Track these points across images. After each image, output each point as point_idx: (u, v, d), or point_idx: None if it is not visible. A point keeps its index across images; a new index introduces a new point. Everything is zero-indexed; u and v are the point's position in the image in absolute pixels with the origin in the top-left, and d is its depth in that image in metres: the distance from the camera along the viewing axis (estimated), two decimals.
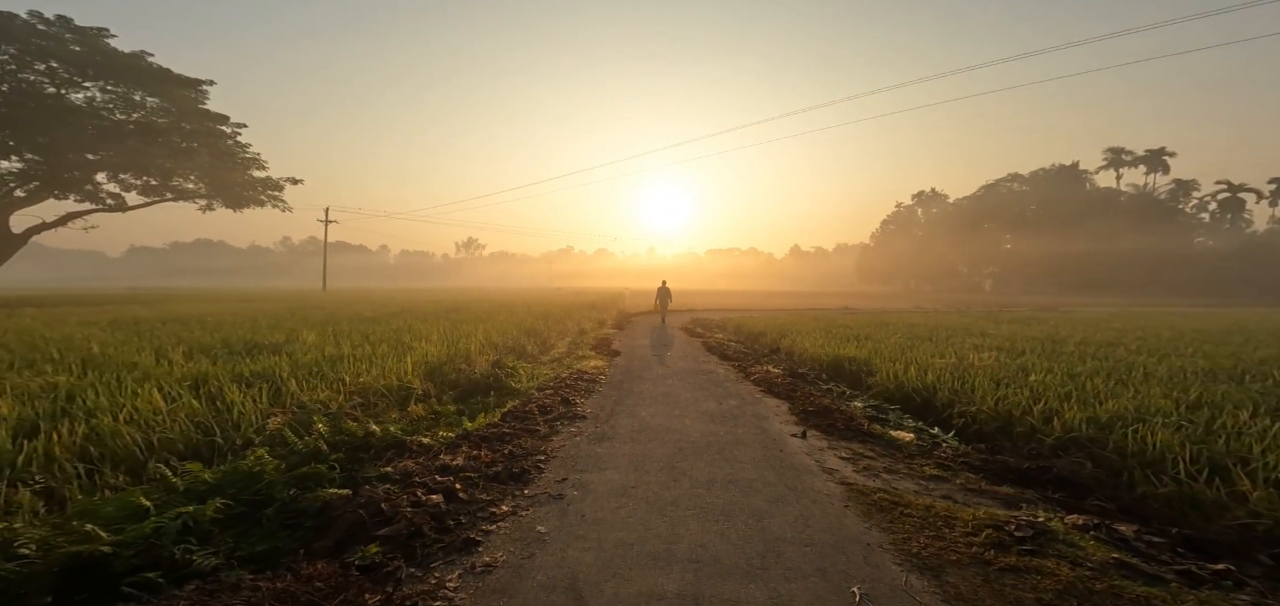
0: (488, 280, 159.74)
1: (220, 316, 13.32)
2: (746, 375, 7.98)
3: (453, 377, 6.27)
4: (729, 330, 16.07)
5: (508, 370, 7.15)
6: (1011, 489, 3.64)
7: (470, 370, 6.62)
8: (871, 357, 8.62)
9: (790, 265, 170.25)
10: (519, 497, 3.33)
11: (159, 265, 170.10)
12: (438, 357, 6.71)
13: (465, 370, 6.56)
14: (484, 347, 8.63)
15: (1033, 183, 63.45)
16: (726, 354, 10.12)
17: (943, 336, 12.22)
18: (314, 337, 8.53)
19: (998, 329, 14.77)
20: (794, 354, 10.72)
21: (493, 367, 6.93)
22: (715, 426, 5.09)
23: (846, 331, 13.16)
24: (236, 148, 25.68)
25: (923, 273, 74.86)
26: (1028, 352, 9.19)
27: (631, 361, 9.22)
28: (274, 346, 7.38)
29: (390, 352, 7.16)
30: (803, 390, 6.88)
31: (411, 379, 5.56)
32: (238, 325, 10.70)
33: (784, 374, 8.18)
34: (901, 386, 6.90)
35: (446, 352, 7.05)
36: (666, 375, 7.92)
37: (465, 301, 23.99)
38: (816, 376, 8.29)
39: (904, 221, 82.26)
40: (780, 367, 8.82)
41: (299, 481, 3.02)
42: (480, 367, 6.98)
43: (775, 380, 7.47)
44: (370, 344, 8.04)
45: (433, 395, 5.61)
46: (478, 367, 6.84)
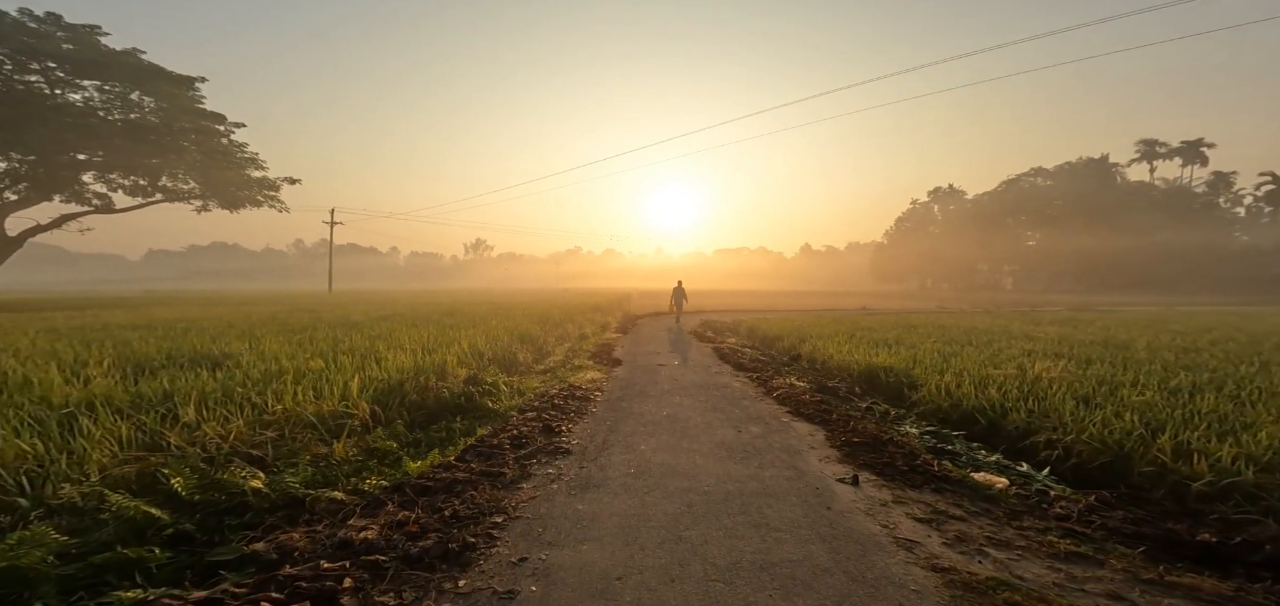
0: (495, 281, 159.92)
1: (199, 321, 12.48)
2: (767, 390, 6.80)
3: (416, 398, 5.19)
4: (742, 334, 14.87)
5: (486, 387, 6.06)
6: (1207, 578, 2.41)
7: (440, 387, 5.54)
8: (911, 367, 7.41)
9: (801, 264, 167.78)
10: (446, 598, 2.22)
11: (176, 267, 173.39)
12: (399, 374, 5.64)
13: (434, 387, 5.49)
14: (467, 357, 7.57)
15: (1058, 177, 60.79)
16: (741, 362, 8.93)
17: (982, 340, 10.91)
18: (276, 347, 7.54)
19: (1041, 331, 13.36)
20: (817, 361, 9.50)
21: (466, 385, 5.85)
22: (735, 466, 3.93)
23: (872, 334, 11.89)
24: (230, 146, 25.10)
25: (940, 271, 72.50)
26: (1096, 360, 7.88)
27: (634, 373, 8.09)
28: (217, 359, 6.38)
29: (354, 365, 6.13)
30: (837, 409, 5.69)
31: (357, 402, 4.48)
32: (205, 332, 9.79)
33: (810, 388, 6.98)
34: (957, 404, 5.68)
35: (413, 366, 5.97)
36: (673, 390, 6.78)
37: (465, 303, 23.08)
38: (849, 391, 7.07)
39: (920, 219, 79.82)
40: (805, 380, 7.62)
41: (90, 577, 1.95)
42: (453, 384, 5.90)
43: (802, 396, 6.28)
44: (339, 354, 7.03)
45: (382, 422, 4.53)
46: (449, 384, 5.76)
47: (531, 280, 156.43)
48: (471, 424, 5.06)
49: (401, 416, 4.82)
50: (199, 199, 26.34)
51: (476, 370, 7.26)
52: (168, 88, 22.52)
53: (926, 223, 78.14)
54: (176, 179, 24.60)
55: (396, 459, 3.79)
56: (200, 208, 26.78)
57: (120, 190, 23.75)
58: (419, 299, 28.96)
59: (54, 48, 19.97)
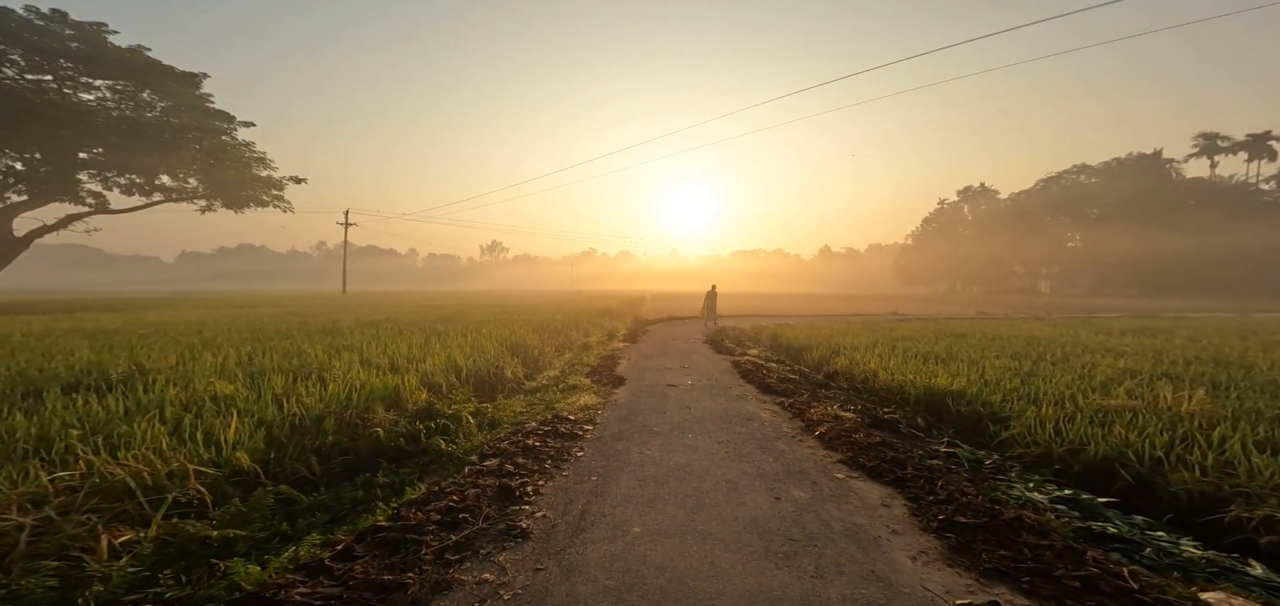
0: (509, 283, 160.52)
1: (174, 326, 11.61)
2: (805, 422, 5.31)
3: (339, 440, 3.90)
4: (763, 343, 13.32)
5: (442, 421, 4.75)
6: None
7: (376, 424, 4.24)
8: (986, 392, 5.86)
9: (820, 266, 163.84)
10: None
11: (207, 269, 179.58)
12: (325, 404, 4.36)
13: (367, 424, 4.19)
14: (437, 375, 6.31)
15: (1105, 175, 56.62)
16: (767, 382, 7.44)
17: (1054, 354, 9.20)
18: (211, 361, 6.40)
19: (1118, 341, 11.48)
20: (857, 378, 7.96)
21: (413, 422, 4.54)
22: (778, 575, 2.51)
23: (916, 345, 10.25)
24: (234, 145, 24.65)
25: (970, 274, 68.84)
26: (1223, 383, 6.21)
27: (638, 396, 6.68)
28: (117, 380, 5.23)
29: (286, 386, 4.90)
30: (907, 456, 4.18)
31: (234, 455, 3.20)
32: (162, 341, 8.80)
33: (860, 419, 5.46)
34: (1076, 449, 4.17)
35: (345, 395, 4.69)
36: (685, 423, 5.35)
37: (468, 306, 22.05)
38: (910, 424, 5.52)
39: (948, 220, 76.09)
40: (850, 407, 6.09)
41: None
42: (395, 417, 4.60)
43: (853, 433, 4.78)
44: (277, 373, 5.84)
45: (279, 477, 3.25)
46: (397, 416, 4.47)
47: (546, 282, 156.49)
48: (410, 476, 3.75)
49: (309, 467, 3.52)
50: (202, 199, 26.07)
51: (445, 388, 5.99)
52: (172, 85, 22.18)
53: (955, 223, 74.39)
54: (176, 178, 24.30)
55: (246, 550, 2.46)
56: (204, 208, 26.52)
57: (116, 188, 23.55)
58: (424, 302, 28.15)
59: (60, 45, 19.76)
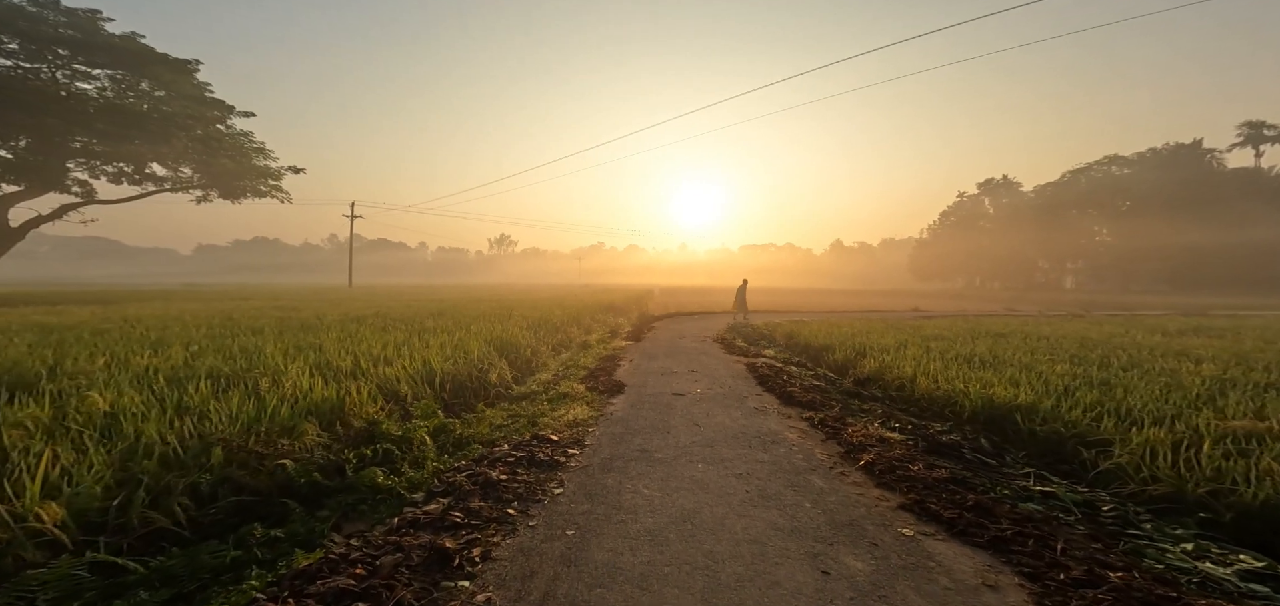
0: (518, 277, 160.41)
1: (144, 320, 10.88)
2: (844, 448, 4.26)
3: (228, 474, 2.95)
4: (779, 342, 12.24)
5: (389, 444, 3.79)
6: None
7: (280, 455, 3.28)
8: (1064, 407, 4.80)
9: (831, 261, 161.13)
10: None
11: (223, 261, 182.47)
12: (230, 426, 3.42)
13: (275, 449, 3.24)
14: (403, 383, 5.38)
15: (1140, 166, 53.61)
16: (788, 390, 6.39)
17: (1121, 357, 8.01)
18: (143, 362, 5.53)
19: (1190, 343, 10.19)
20: (890, 384, 6.89)
21: (347, 447, 3.59)
22: None
23: (952, 346, 9.13)
24: (227, 134, 23.99)
25: (990, 269, 66.37)
26: None
27: (638, 407, 5.68)
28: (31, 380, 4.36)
29: (202, 397, 3.99)
30: (995, 500, 3.12)
31: (37, 508, 2.26)
32: (114, 336, 8.03)
33: (911, 440, 4.39)
34: (1225, 492, 3.11)
35: (251, 414, 3.73)
36: (694, 446, 4.33)
37: (467, 300, 21.23)
38: (974, 448, 4.43)
39: (968, 213, 73.44)
40: (893, 422, 5.01)
41: None
42: (315, 443, 3.65)
43: (911, 464, 3.72)
44: (208, 377, 4.95)
45: (119, 528, 2.31)
46: (291, 450, 3.51)
47: (554, 276, 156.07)
48: (322, 525, 2.80)
49: (173, 514, 2.58)
50: (198, 190, 25.53)
51: (411, 397, 5.05)
52: (165, 73, 21.57)
53: (975, 217, 71.74)
54: (168, 167, 23.76)
55: None
56: (200, 198, 26.01)
57: (103, 177, 23.06)
58: (424, 295, 27.43)
59: (51, 32, 19.23)
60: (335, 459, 3.32)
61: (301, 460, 3.12)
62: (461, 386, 6.38)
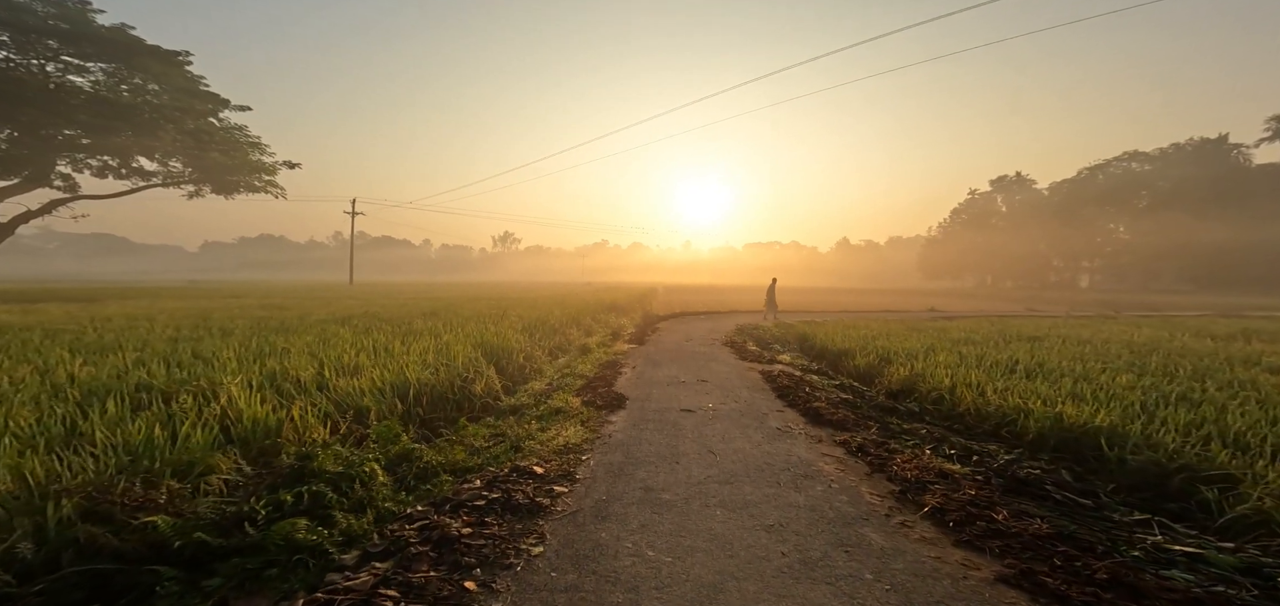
0: (521, 274, 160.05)
1: (116, 320, 10.23)
2: (897, 485, 3.44)
3: (82, 531, 2.18)
4: (792, 345, 11.40)
5: (324, 484, 3.01)
6: None
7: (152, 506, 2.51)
8: (1156, 431, 3.97)
9: (837, 259, 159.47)
10: None
11: (229, 258, 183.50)
12: (105, 465, 2.64)
13: (168, 497, 2.47)
14: (382, 389, 4.63)
15: (1161, 162, 51.93)
16: (813, 405, 5.57)
17: (1184, 366, 7.14)
18: (76, 372, 4.80)
19: (1248, 349, 9.24)
20: (924, 396, 6.05)
21: (263, 491, 2.81)
22: None
23: (985, 351, 8.27)
24: (219, 127, 23.31)
25: (1002, 267, 64.87)
26: None
27: (640, 427, 4.88)
28: None
29: (113, 419, 3.25)
30: (1119, 562, 2.30)
31: None
32: (64, 339, 7.34)
33: (975, 474, 3.57)
34: None
35: (144, 451, 2.96)
36: (708, 486, 3.52)
37: (465, 298, 20.52)
38: (1056, 482, 3.59)
39: (980, 211, 71.90)
40: (948, 449, 4.18)
41: None
42: (218, 483, 2.88)
43: (991, 511, 2.90)
44: (110, 396, 4.21)
45: None
46: (214, 484, 2.74)
47: (557, 274, 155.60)
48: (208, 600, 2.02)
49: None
50: (190, 185, 24.94)
51: (375, 415, 4.29)
52: (155, 65, 20.93)
53: (988, 215, 70.22)
54: (155, 160, 23.15)
55: None
56: (192, 193, 25.42)
57: (87, 170, 22.49)
58: (423, 293, 26.77)
59: (37, 22, 18.65)
60: (242, 509, 2.54)
61: (179, 521, 2.33)
62: (441, 399, 5.61)
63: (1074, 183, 58.71)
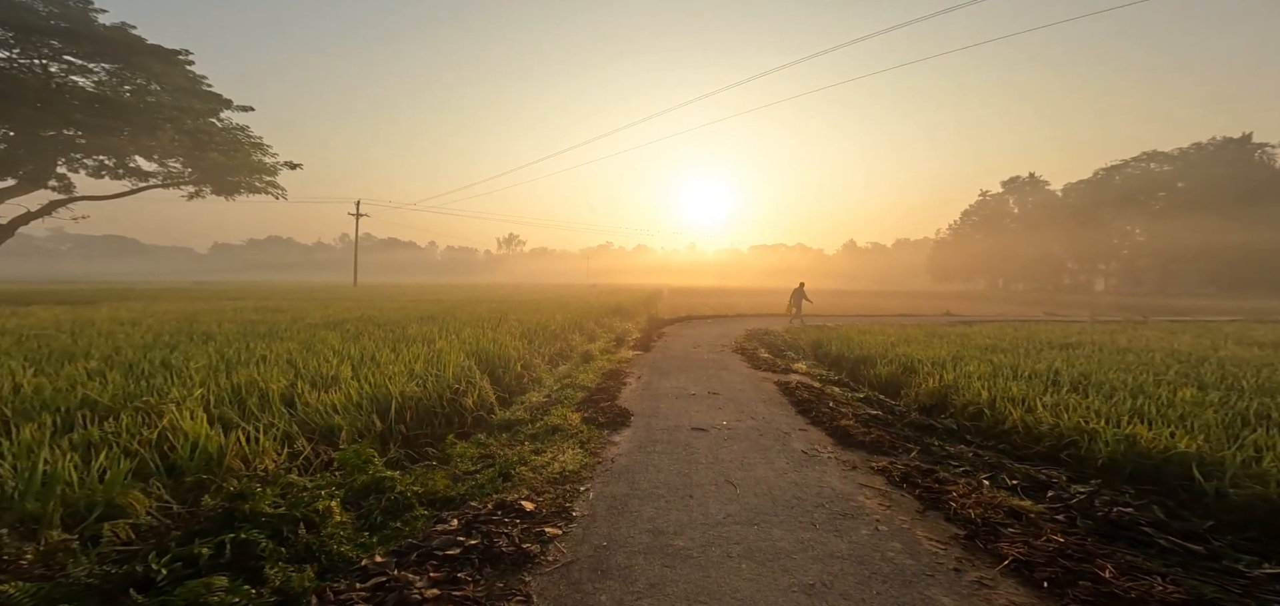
0: (525, 276, 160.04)
1: (100, 324, 9.85)
2: (961, 527, 2.86)
3: None
4: (806, 351, 10.80)
5: (260, 529, 2.47)
6: None
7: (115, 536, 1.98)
8: (1260, 461, 3.36)
9: (844, 262, 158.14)
10: None
11: (237, 260, 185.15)
12: None
13: (45, 550, 1.94)
14: (358, 404, 4.12)
15: (1182, 162, 50.43)
16: (840, 423, 4.99)
17: (1250, 380, 6.46)
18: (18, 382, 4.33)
19: None
20: (959, 411, 5.45)
21: (187, 543, 2.28)
22: None
23: (1017, 360, 7.63)
24: (218, 127, 23.04)
25: (1015, 270, 63.52)
26: None
27: (647, 450, 4.33)
28: None
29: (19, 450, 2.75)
30: None
31: None
32: (25, 345, 6.91)
33: (1054, 512, 2.98)
34: None
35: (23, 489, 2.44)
36: (729, 528, 2.95)
37: (466, 300, 20.07)
38: (1152, 521, 2.99)
39: (991, 213, 70.55)
40: (1008, 478, 3.59)
41: None
42: (129, 530, 2.35)
43: (1087, 564, 2.32)
44: (83, 407, 3.72)
45: None
46: (121, 531, 2.21)
47: (562, 276, 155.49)
48: None
49: None
50: (190, 185, 24.72)
51: (346, 434, 3.79)
52: (155, 65, 20.71)
53: (999, 217, 68.89)
54: (153, 160, 22.93)
55: None
56: (192, 194, 25.19)
57: (82, 170, 22.26)
58: (425, 295, 26.39)
59: (39, 22, 18.49)
60: (134, 569, 2.00)
61: (57, 574, 1.80)
62: (429, 414, 5.09)
63: (1090, 184, 57.30)
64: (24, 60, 19.87)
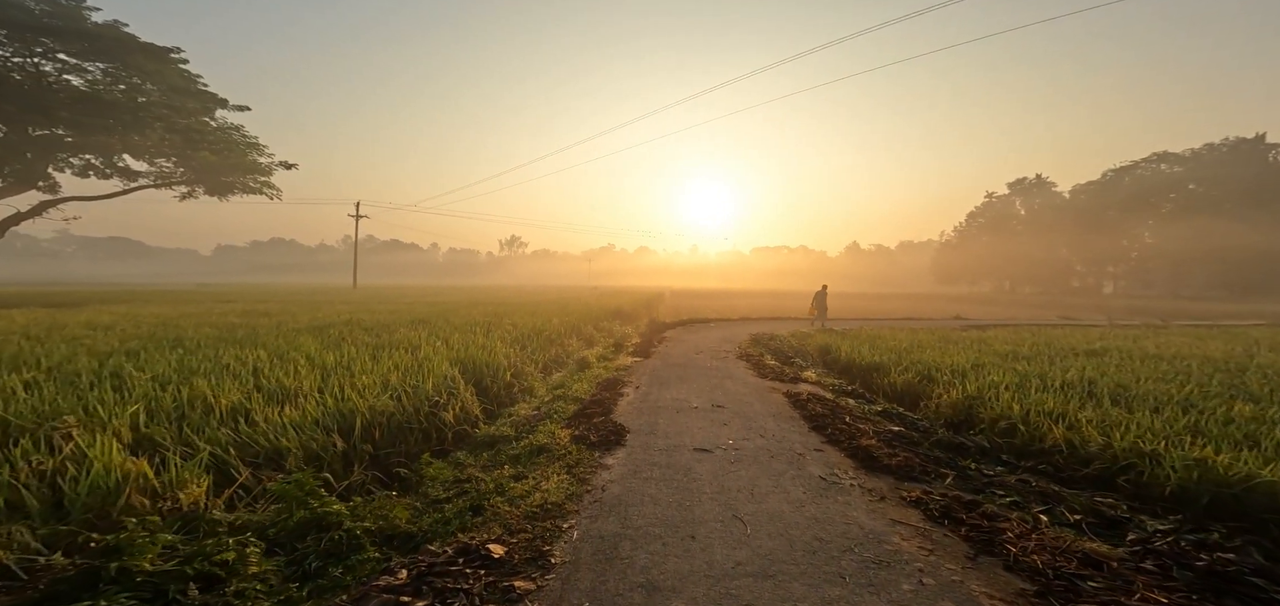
0: (527, 278, 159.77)
1: (69, 328, 9.40)
2: (1037, 589, 2.32)
3: None
4: (813, 358, 10.25)
5: (132, 590, 1.95)
6: None
7: None
8: None
9: (847, 264, 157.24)
10: None
11: (241, 261, 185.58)
12: None
13: None
14: (322, 423, 3.63)
15: (1193, 163, 49.53)
16: (860, 442, 4.46)
17: None
18: None
19: None
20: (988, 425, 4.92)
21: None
22: None
23: (1047, 370, 7.09)
24: (210, 127, 22.63)
25: (1022, 272, 62.65)
26: None
27: (643, 476, 3.81)
28: None
29: None
30: None
31: None
32: None
33: (1138, 558, 2.44)
34: None
35: None
36: (740, 584, 2.42)
37: (463, 303, 19.60)
38: (1253, 566, 2.45)
39: (997, 215, 69.71)
40: (1061, 511, 3.05)
41: None
42: None
43: None
44: None
45: None
46: None
47: (564, 278, 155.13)
48: None
49: None
50: (182, 185, 24.33)
51: (297, 457, 3.29)
52: (147, 62, 20.34)
53: (1005, 219, 68.05)
54: (142, 159, 22.54)
55: None
56: (184, 194, 24.80)
57: (68, 169, 21.88)
58: (422, 297, 25.94)
59: (31, 19, 18.17)
60: None
61: None
62: (403, 430, 4.59)
63: (1099, 185, 56.40)
64: (17, 59, 19.58)
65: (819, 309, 17.69)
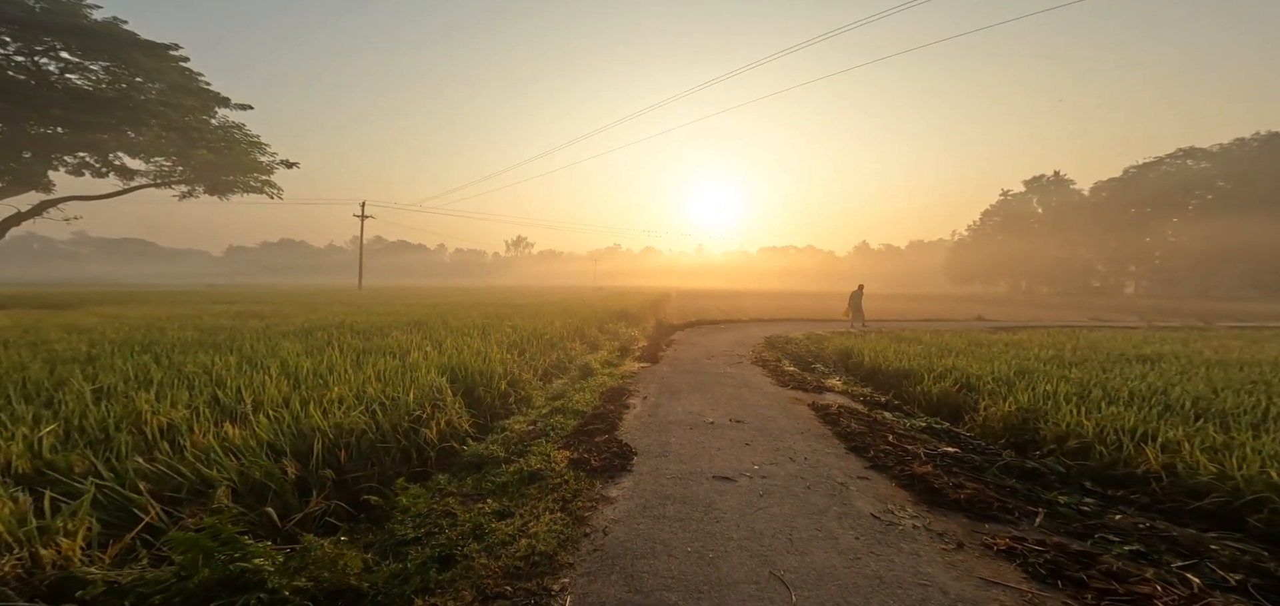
0: (533, 278, 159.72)
1: (43, 330, 8.96)
2: None
3: None
4: (833, 363, 9.50)
5: None
6: None
7: None
8: None
9: (856, 264, 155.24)
10: None
11: (252, 262, 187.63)
12: None
13: None
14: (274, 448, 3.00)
15: (1222, 159, 47.61)
16: (913, 468, 3.76)
17: None
18: None
19: None
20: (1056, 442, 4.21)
21: None
22: None
23: (1104, 378, 6.40)
24: (210, 125, 22.31)
25: (1039, 272, 60.94)
26: None
27: (655, 513, 3.14)
28: None
29: None
30: None
31: None
32: None
33: None
34: None
35: None
36: None
37: (462, 304, 19.07)
38: None
39: (1013, 213, 67.94)
40: (1204, 568, 2.34)
41: None
42: None
43: None
44: None
45: None
46: None
47: (570, 278, 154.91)
48: None
49: None
50: (182, 184, 24.10)
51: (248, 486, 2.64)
52: (145, 59, 20.06)
53: (1022, 217, 66.29)
54: (139, 158, 22.30)
55: None
56: (184, 193, 24.58)
57: (62, 168, 21.66)
58: (424, 298, 25.48)
59: (31, 17, 17.96)
60: None
61: None
62: (375, 450, 3.97)
63: (1120, 182, 54.54)
64: (19, 58, 19.40)
65: (855, 311, 16.62)
